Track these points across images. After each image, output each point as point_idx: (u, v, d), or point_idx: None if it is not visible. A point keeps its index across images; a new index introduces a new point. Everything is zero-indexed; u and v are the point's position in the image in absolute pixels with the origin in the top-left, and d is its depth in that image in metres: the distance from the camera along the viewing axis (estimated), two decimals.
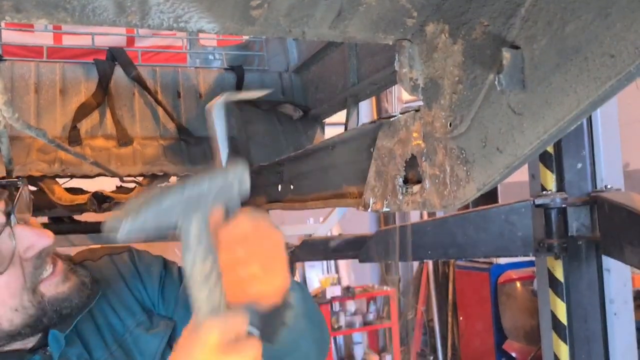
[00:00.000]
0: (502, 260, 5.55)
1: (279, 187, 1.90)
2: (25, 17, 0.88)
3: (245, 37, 3.21)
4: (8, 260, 1.03)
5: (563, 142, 2.34)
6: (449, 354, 6.32)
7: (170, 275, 1.32)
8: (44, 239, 1.09)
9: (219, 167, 0.87)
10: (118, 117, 2.75)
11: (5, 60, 2.71)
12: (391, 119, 1.17)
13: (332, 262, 7.64)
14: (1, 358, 1.09)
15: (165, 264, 1.35)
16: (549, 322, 2.44)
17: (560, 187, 2.35)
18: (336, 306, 6.59)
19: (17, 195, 1.09)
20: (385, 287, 6.78)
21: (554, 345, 2.42)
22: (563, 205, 2.26)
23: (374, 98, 7.65)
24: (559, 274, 2.37)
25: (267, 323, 0.89)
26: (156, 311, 1.27)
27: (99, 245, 1.40)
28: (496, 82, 0.82)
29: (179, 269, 1.32)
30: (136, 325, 1.21)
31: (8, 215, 1.06)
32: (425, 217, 6.29)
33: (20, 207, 1.09)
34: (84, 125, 2.70)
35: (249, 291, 0.87)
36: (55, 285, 1.10)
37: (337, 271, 7.71)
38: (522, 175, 2.01)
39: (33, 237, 1.08)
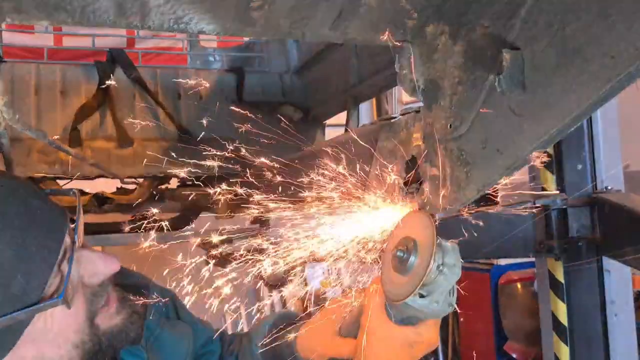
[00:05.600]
0: (503, 261, 5.54)
1: (280, 188, 1.89)
2: (25, 18, 0.88)
3: (246, 39, 3.21)
4: (75, 291, 0.91)
5: (563, 143, 2.34)
6: (450, 355, 6.31)
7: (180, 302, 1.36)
8: (112, 264, 0.97)
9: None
10: (118, 118, 2.75)
11: (6, 61, 2.71)
12: (391, 120, 1.17)
13: None
14: None
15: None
16: (549, 323, 2.44)
17: (561, 188, 2.35)
18: None
19: (78, 212, 0.97)
20: None
21: (554, 346, 2.42)
22: (563, 207, 2.26)
23: (374, 99, 7.65)
24: (560, 275, 2.37)
25: None
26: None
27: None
28: (496, 83, 0.82)
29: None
30: (159, 327, 1.21)
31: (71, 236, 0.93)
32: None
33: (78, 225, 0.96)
34: (85, 127, 2.70)
35: None
36: (109, 317, 0.98)
37: (337, 272, 7.71)
38: (522, 176, 2.01)
39: (100, 262, 0.96)
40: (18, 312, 0.85)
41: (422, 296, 0.95)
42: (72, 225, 0.97)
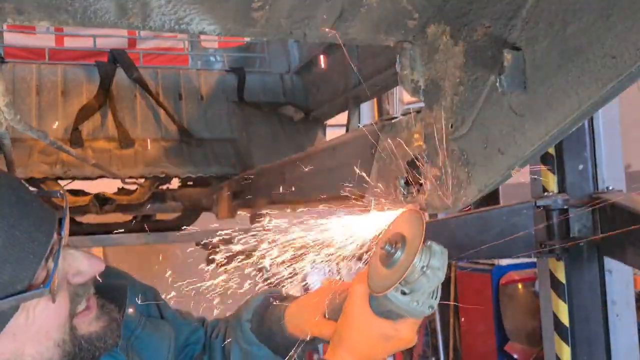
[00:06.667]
0: (504, 262, 5.54)
1: (281, 188, 1.90)
2: (27, 19, 0.88)
3: (247, 39, 3.21)
4: (59, 287, 0.92)
5: (564, 143, 2.34)
6: (451, 355, 6.31)
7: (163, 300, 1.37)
8: (96, 265, 0.98)
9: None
10: (119, 119, 2.75)
11: (7, 62, 2.71)
12: (392, 121, 1.17)
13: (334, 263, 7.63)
14: None
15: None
16: (550, 323, 2.44)
17: (562, 189, 2.34)
18: None
19: (65, 211, 0.97)
20: None
21: (555, 346, 2.41)
22: (565, 207, 2.26)
23: (375, 99, 7.64)
24: (561, 275, 2.36)
25: None
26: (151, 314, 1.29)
27: None
28: (497, 84, 0.82)
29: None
30: (139, 327, 1.21)
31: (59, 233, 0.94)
32: (427, 219, 6.27)
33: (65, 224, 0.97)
34: (86, 127, 2.70)
35: None
36: (88, 322, 0.99)
37: (338, 272, 7.71)
38: (523, 176, 2.01)
39: (84, 261, 0.97)
40: (4, 299, 0.85)
41: (404, 293, 0.97)
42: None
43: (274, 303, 1.31)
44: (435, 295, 1.00)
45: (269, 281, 1.38)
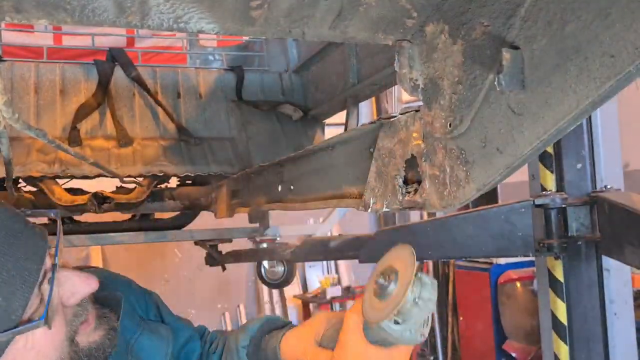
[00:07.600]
0: (502, 261, 5.55)
1: (279, 187, 1.89)
2: (25, 18, 0.88)
3: (245, 38, 3.21)
4: (55, 311, 0.94)
5: (563, 142, 2.34)
6: (449, 354, 6.32)
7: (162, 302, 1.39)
8: (90, 285, 1.00)
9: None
10: (118, 117, 2.75)
11: (5, 60, 2.71)
12: (391, 119, 1.17)
13: (332, 262, 7.64)
14: None
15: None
16: (549, 322, 2.44)
17: (560, 187, 2.35)
18: (336, 306, 6.60)
19: (58, 234, 0.99)
20: None
21: (554, 345, 2.42)
22: (563, 206, 2.26)
23: (373, 98, 7.65)
24: (559, 274, 2.37)
25: None
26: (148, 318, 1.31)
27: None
28: (496, 83, 0.82)
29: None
30: (139, 330, 1.23)
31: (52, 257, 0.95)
32: (426, 218, 6.29)
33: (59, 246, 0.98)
34: (84, 126, 2.70)
35: None
36: (87, 334, 1.02)
37: (337, 271, 7.72)
38: (522, 175, 2.01)
39: (78, 282, 0.99)
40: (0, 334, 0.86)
41: (397, 323, 1.01)
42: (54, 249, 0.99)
43: (271, 331, 1.33)
44: (427, 323, 1.04)
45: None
